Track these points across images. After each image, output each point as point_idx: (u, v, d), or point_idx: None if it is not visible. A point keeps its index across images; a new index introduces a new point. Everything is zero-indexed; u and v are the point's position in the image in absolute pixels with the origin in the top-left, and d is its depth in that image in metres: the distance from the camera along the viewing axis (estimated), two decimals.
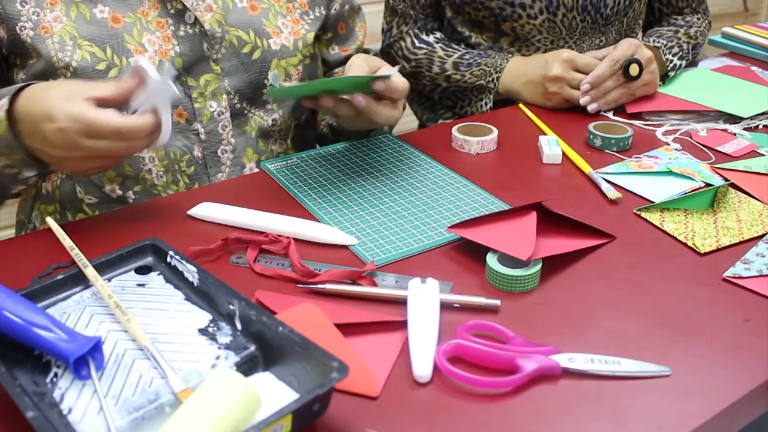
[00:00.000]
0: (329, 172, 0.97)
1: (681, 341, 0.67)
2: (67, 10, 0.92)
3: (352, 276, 0.74)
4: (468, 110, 1.30)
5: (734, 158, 1.02)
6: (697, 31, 1.34)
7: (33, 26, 0.91)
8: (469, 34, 1.32)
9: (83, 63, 0.92)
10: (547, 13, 1.24)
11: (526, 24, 1.26)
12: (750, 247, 0.81)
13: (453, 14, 1.32)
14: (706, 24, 1.40)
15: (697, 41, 1.33)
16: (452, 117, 1.37)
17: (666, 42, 1.27)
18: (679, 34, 1.31)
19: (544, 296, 0.73)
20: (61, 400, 0.56)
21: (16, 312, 0.58)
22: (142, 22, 0.95)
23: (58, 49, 0.91)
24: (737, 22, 2.82)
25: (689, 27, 1.35)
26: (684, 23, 1.37)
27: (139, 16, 0.95)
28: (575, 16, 1.26)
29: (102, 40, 0.93)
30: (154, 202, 0.91)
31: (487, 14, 1.27)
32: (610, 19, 1.29)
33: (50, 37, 0.91)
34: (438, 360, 0.62)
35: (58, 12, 0.91)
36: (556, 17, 1.25)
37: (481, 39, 1.31)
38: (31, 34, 0.91)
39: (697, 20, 1.39)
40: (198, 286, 0.67)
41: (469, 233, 0.78)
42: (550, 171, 0.99)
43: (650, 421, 0.58)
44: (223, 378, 0.53)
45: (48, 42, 0.91)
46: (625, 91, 1.16)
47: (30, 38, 0.91)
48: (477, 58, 1.26)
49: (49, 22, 0.91)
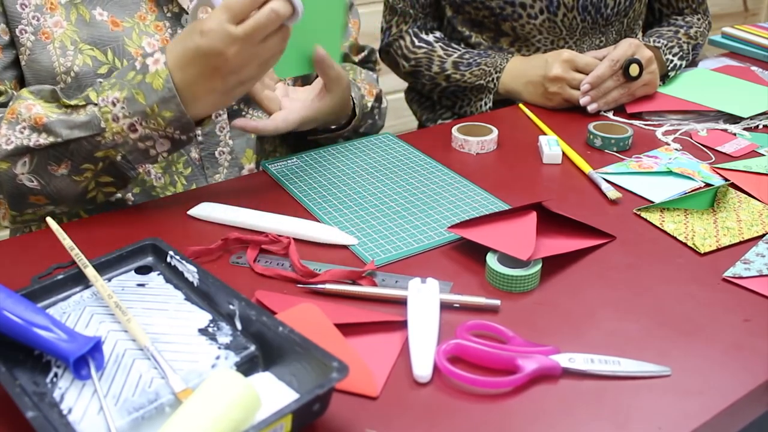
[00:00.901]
0: (329, 172, 0.97)
1: (681, 341, 0.67)
2: (67, 14, 0.92)
3: (352, 276, 0.74)
4: (467, 110, 1.30)
5: (734, 158, 1.02)
6: (697, 32, 1.35)
7: (34, 30, 0.90)
8: (469, 34, 1.32)
9: (85, 68, 0.92)
10: (547, 12, 1.25)
11: (527, 24, 1.26)
12: (750, 247, 0.81)
13: (453, 13, 1.32)
14: (706, 24, 1.40)
15: (697, 41, 1.33)
16: (451, 117, 1.37)
17: (666, 42, 1.27)
18: (679, 34, 1.31)
19: (544, 296, 0.73)
20: (61, 400, 0.56)
21: (16, 312, 0.58)
22: (141, 26, 0.95)
23: (60, 54, 0.91)
24: (737, 22, 2.82)
25: (689, 27, 1.35)
26: (684, 23, 1.37)
27: (137, 20, 0.95)
28: (575, 16, 1.26)
29: (103, 42, 0.93)
30: (153, 203, 0.91)
31: (487, 14, 1.27)
32: (611, 20, 1.30)
33: (51, 43, 0.91)
34: (438, 360, 0.62)
35: (59, 17, 0.91)
36: (557, 17, 1.25)
37: (481, 39, 1.31)
38: (32, 39, 0.90)
39: (698, 21, 1.39)
40: (198, 286, 0.67)
41: (469, 233, 0.78)
42: (550, 171, 0.99)
43: (650, 421, 0.58)
44: (223, 378, 0.53)
45: (49, 48, 0.91)
46: (625, 91, 1.16)
47: (31, 42, 0.91)
48: (477, 58, 1.26)
49: (50, 27, 0.91)
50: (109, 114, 0.81)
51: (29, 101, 0.83)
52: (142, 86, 0.80)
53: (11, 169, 0.84)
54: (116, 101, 0.80)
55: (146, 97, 0.80)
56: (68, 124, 0.81)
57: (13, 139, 0.82)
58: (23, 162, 0.83)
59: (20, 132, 0.82)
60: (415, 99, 1.46)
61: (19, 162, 0.83)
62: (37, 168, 0.84)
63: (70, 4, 0.92)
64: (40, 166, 0.84)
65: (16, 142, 0.82)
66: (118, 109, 0.80)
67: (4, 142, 0.82)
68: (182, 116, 0.81)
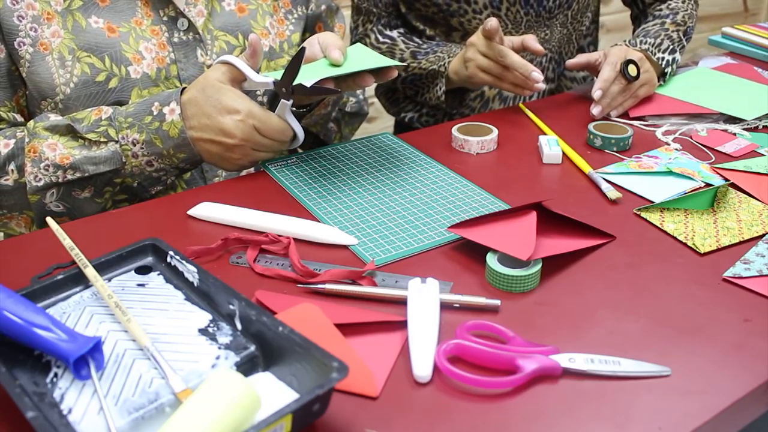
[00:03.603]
0: (329, 172, 0.97)
1: (681, 341, 0.67)
2: (63, 22, 0.91)
3: (352, 276, 0.74)
4: (427, 97, 1.31)
5: (734, 158, 1.02)
6: (684, 16, 1.31)
7: (32, 42, 0.91)
8: (423, 28, 1.35)
9: (83, 77, 0.92)
10: (491, 7, 1.27)
11: (473, 19, 1.28)
12: (750, 247, 0.81)
13: (407, 10, 1.35)
14: (692, 5, 1.36)
15: (686, 26, 1.30)
16: (414, 108, 1.40)
17: (653, 40, 1.23)
18: (666, 25, 1.28)
19: (544, 296, 0.73)
20: (61, 400, 0.56)
21: (16, 312, 0.58)
22: (137, 31, 0.95)
23: (59, 65, 0.91)
24: (737, 22, 2.82)
25: (675, 14, 1.31)
26: (669, 11, 1.32)
27: (133, 25, 0.95)
28: (519, 10, 1.28)
29: (100, 49, 0.93)
30: (153, 203, 0.91)
31: (435, 10, 1.30)
32: (554, 12, 1.31)
33: (50, 54, 0.91)
34: (438, 360, 0.62)
35: (56, 26, 0.91)
36: (500, 11, 1.28)
37: (434, 33, 1.34)
38: (31, 51, 0.91)
39: (683, 3, 1.34)
40: (198, 286, 0.67)
41: (469, 233, 0.78)
42: (550, 171, 0.99)
43: (650, 421, 0.58)
44: (223, 378, 0.53)
45: (48, 59, 0.91)
46: (629, 93, 1.15)
47: (30, 54, 0.91)
48: (435, 47, 1.29)
49: (48, 38, 0.91)
50: (129, 152, 0.90)
51: (49, 140, 0.89)
52: (159, 132, 0.90)
53: (41, 200, 0.91)
54: (136, 142, 0.90)
55: (163, 142, 0.90)
56: (93, 160, 0.89)
57: (41, 176, 0.89)
58: (51, 193, 0.91)
59: (45, 169, 0.89)
60: (383, 93, 1.48)
61: (48, 193, 0.91)
62: (64, 196, 0.91)
63: (66, 11, 0.92)
64: (65, 194, 0.91)
65: (45, 179, 0.90)
66: (138, 149, 0.91)
67: (32, 179, 0.90)
68: (194, 156, 0.93)
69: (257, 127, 0.90)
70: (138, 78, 0.95)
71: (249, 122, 0.89)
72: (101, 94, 0.94)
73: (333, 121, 1.16)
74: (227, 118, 0.88)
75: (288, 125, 0.92)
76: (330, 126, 1.16)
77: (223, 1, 1.02)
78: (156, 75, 0.96)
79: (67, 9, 0.92)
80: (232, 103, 0.88)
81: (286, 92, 0.90)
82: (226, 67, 0.91)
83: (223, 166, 0.94)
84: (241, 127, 0.89)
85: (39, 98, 0.93)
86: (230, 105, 0.88)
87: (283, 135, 0.92)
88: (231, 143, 0.90)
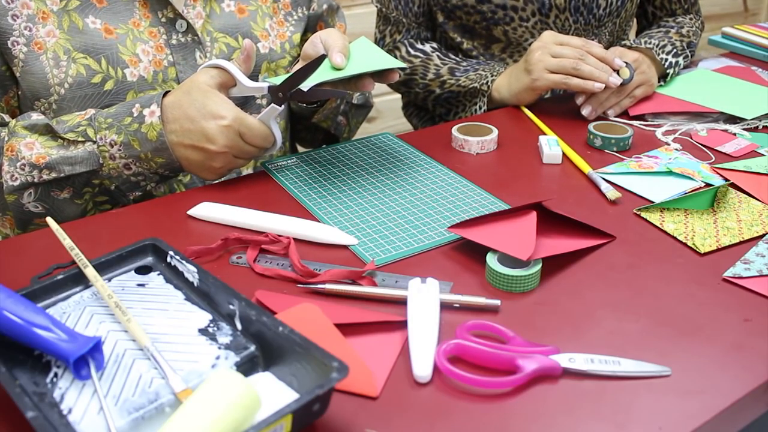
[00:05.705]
0: (329, 172, 0.97)
1: (681, 341, 0.67)
2: (59, 22, 0.91)
3: (352, 276, 0.74)
4: (462, 116, 1.29)
5: (734, 158, 1.02)
6: (689, 30, 1.33)
7: (26, 41, 0.90)
8: (460, 40, 1.31)
9: (78, 78, 0.91)
10: (539, 15, 1.24)
11: (519, 27, 1.25)
12: (750, 247, 0.81)
13: (444, 19, 1.30)
14: (698, 24, 1.39)
15: (690, 39, 1.32)
16: None
17: (657, 42, 1.25)
18: (670, 33, 1.29)
19: (544, 296, 0.73)
20: (61, 400, 0.56)
21: (16, 312, 0.58)
22: (135, 33, 0.94)
23: (53, 65, 0.90)
24: (737, 22, 2.82)
25: (680, 27, 1.33)
26: (675, 24, 1.35)
27: (131, 26, 0.94)
28: (567, 18, 1.25)
29: (96, 50, 0.92)
30: (153, 203, 0.91)
31: (478, 18, 1.26)
32: (603, 20, 1.29)
33: (44, 53, 0.90)
34: (438, 360, 0.62)
35: (51, 26, 0.90)
36: (549, 19, 1.25)
37: (473, 45, 1.30)
38: (25, 50, 0.90)
39: (690, 20, 1.37)
40: (198, 286, 0.67)
41: (469, 233, 0.78)
42: (550, 171, 0.99)
43: (650, 421, 0.58)
44: (223, 378, 0.53)
45: (42, 59, 0.90)
46: (623, 94, 1.16)
47: (23, 54, 0.90)
48: (475, 65, 1.25)
49: (42, 37, 0.90)
50: (107, 153, 0.88)
51: (27, 139, 0.88)
52: (138, 134, 0.88)
53: (18, 200, 0.89)
54: (114, 143, 0.88)
55: (141, 144, 0.88)
56: (69, 160, 0.87)
57: (17, 176, 0.88)
58: (29, 193, 0.89)
59: (21, 169, 0.87)
60: (414, 113, 1.45)
61: (25, 193, 0.89)
62: (42, 196, 0.90)
63: (63, 11, 0.91)
64: (44, 194, 0.90)
65: (21, 179, 0.88)
66: (115, 150, 0.88)
67: (9, 179, 0.88)
68: (172, 162, 0.90)
69: (243, 134, 0.87)
70: (134, 81, 0.94)
71: (234, 128, 0.86)
72: (96, 96, 0.93)
73: (342, 114, 1.16)
74: (211, 123, 0.86)
75: (271, 131, 0.90)
76: (339, 119, 1.15)
77: (222, 3, 1.01)
78: (153, 78, 0.95)
79: (63, 9, 0.91)
80: (217, 108, 0.86)
81: (282, 97, 0.89)
82: (216, 71, 0.89)
83: (202, 175, 0.91)
84: (225, 133, 0.86)
85: (32, 98, 0.92)
86: (215, 110, 0.86)
87: (266, 141, 0.90)
88: (213, 150, 0.87)
